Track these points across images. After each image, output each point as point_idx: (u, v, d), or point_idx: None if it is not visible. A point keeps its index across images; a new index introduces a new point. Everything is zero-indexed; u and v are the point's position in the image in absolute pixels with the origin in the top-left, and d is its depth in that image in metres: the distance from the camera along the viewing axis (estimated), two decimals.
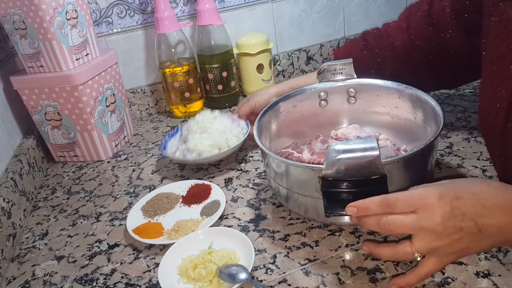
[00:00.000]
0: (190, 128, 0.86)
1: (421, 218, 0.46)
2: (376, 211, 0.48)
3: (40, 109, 0.92)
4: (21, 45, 0.87)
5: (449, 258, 0.48)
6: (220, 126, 0.85)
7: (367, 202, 0.48)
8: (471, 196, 0.45)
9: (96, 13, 1.05)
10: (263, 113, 0.73)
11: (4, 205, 0.71)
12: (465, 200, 0.45)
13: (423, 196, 0.46)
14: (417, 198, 0.46)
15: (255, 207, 0.72)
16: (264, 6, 1.18)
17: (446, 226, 0.45)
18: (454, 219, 0.45)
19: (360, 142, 0.53)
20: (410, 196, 0.47)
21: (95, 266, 0.65)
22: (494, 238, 0.46)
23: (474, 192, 0.46)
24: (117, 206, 0.79)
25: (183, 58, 1.08)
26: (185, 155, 0.82)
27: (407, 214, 0.46)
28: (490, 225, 0.45)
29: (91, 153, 0.96)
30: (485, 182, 0.47)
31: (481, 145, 0.78)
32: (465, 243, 0.46)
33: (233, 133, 0.85)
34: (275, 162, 0.62)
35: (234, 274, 0.55)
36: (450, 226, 0.45)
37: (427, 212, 0.45)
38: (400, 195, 0.47)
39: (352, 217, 0.50)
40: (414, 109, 0.72)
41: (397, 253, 0.49)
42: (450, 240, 0.45)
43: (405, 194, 0.47)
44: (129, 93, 1.13)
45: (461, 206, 0.45)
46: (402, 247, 0.48)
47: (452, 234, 0.45)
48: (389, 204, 0.47)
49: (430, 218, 0.45)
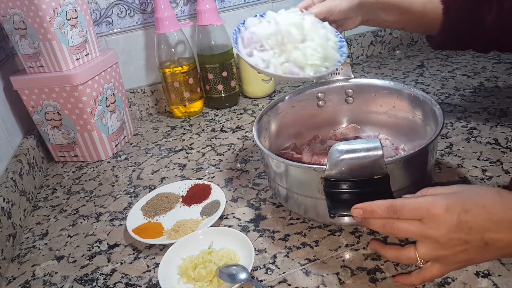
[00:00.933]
0: (287, 34, 0.64)
1: (427, 228, 0.45)
2: (381, 215, 0.47)
3: (40, 109, 0.92)
4: (21, 45, 0.87)
5: (454, 266, 0.48)
6: (319, 32, 0.66)
7: (374, 206, 0.48)
8: (481, 210, 0.44)
9: (96, 13, 1.05)
10: (262, 113, 0.73)
11: (4, 205, 0.71)
12: (474, 214, 0.44)
13: (431, 205, 0.45)
14: (424, 208, 0.45)
15: (255, 207, 0.72)
16: (264, 6, 1.18)
17: (451, 238, 0.44)
18: (460, 232, 0.44)
19: (363, 142, 0.53)
20: (417, 205, 0.46)
21: (95, 266, 0.65)
22: (502, 251, 0.45)
23: (484, 206, 0.44)
24: (117, 206, 0.79)
25: (183, 58, 1.08)
26: (294, 71, 0.63)
27: (413, 221, 0.46)
28: (498, 240, 0.44)
29: (91, 153, 0.96)
30: (498, 195, 0.46)
31: (481, 145, 0.78)
32: (470, 255, 0.45)
33: (332, 39, 0.67)
34: (275, 162, 0.62)
35: (234, 274, 0.55)
36: (455, 238, 0.44)
37: (433, 222, 0.45)
38: (407, 202, 0.47)
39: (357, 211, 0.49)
40: (413, 109, 0.72)
41: (401, 257, 0.49)
42: (454, 251, 0.45)
43: (412, 202, 0.46)
44: (129, 93, 1.13)
45: (468, 219, 0.44)
46: (406, 252, 0.48)
47: (457, 246, 0.45)
48: (396, 210, 0.46)
49: (435, 228, 0.45)
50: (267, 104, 0.82)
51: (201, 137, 1.00)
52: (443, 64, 1.20)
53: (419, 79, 1.13)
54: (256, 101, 1.16)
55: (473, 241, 0.44)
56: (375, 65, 1.28)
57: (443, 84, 1.07)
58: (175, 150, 0.96)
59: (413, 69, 1.20)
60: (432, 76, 1.13)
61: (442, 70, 1.16)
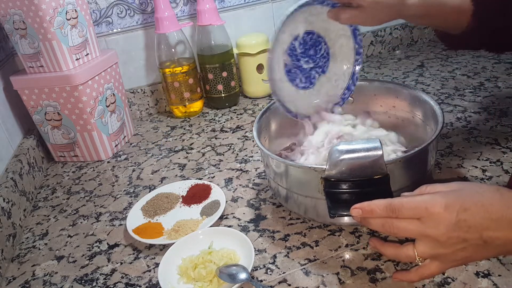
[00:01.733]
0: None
1: (426, 226, 0.45)
2: (380, 215, 0.47)
3: (40, 109, 0.92)
4: (21, 45, 0.87)
5: (453, 264, 0.48)
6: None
7: (372, 206, 0.48)
8: (480, 208, 0.44)
9: (96, 13, 1.05)
10: (262, 113, 0.73)
11: (4, 205, 0.71)
12: (473, 212, 0.44)
13: (429, 204, 0.45)
14: (423, 207, 0.45)
15: (255, 207, 0.72)
16: (264, 6, 1.18)
17: (450, 236, 0.44)
18: (459, 230, 0.44)
19: (363, 142, 0.53)
20: (416, 204, 0.46)
21: (95, 266, 0.65)
22: (500, 249, 0.46)
23: (483, 204, 0.44)
24: (117, 206, 0.79)
25: (183, 58, 1.08)
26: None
27: (411, 220, 0.46)
28: (496, 238, 0.44)
29: (91, 153, 0.96)
30: (497, 193, 0.45)
31: (481, 145, 0.78)
32: (469, 253, 0.45)
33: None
34: (275, 162, 0.62)
35: (234, 274, 0.55)
36: (454, 236, 0.44)
37: (432, 221, 0.45)
38: (406, 201, 0.47)
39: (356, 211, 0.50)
40: (413, 109, 0.72)
41: (400, 255, 0.49)
42: (453, 249, 0.45)
43: (410, 201, 0.46)
44: (129, 93, 1.13)
45: (467, 218, 0.44)
46: (405, 250, 0.48)
47: (455, 244, 0.45)
48: (394, 209, 0.46)
49: (434, 227, 0.45)
50: (267, 104, 0.82)
51: (201, 137, 1.00)
52: (443, 64, 1.20)
53: (419, 79, 1.13)
54: (256, 101, 1.16)
55: (472, 239, 0.44)
56: (375, 65, 1.28)
57: (443, 84, 1.07)
58: (175, 150, 0.96)
59: (413, 69, 1.20)
60: (432, 76, 1.13)
61: (442, 70, 1.16)
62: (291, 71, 0.70)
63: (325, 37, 0.71)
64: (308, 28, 0.68)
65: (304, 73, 0.72)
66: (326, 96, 0.74)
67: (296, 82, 0.71)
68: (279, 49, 0.67)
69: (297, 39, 0.68)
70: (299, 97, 0.72)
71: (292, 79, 0.71)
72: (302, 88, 0.72)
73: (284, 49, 0.67)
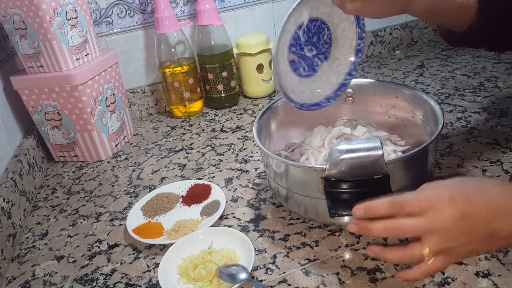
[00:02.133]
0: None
1: (431, 221, 0.44)
2: (385, 212, 0.46)
3: (40, 109, 0.92)
4: (21, 45, 0.87)
5: (457, 257, 0.47)
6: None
7: (376, 203, 0.47)
8: (484, 201, 0.44)
9: (96, 13, 1.05)
10: (262, 113, 0.73)
11: (4, 205, 0.71)
12: (477, 205, 0.44)
13: (433, 199, 0.45)
14: (427, 201, 0.45)
15: (255, 207, 0.72)
16: (264, 6, 1.18)
17: (456, 229, 0.44)
18: (465, 223, 0.44)
19: (363, 142, 0.53)
20: (420, 199, 0.46)
21: (95, 266, 0.65)
22: (505, 241, 0.45)
23: (487, 196, 0.44)
24: (117, 206, 0.79)
25: (183, 58, 1.08)
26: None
27: (415, 217, 0.45)
28: (501, 230, 0.44)
29: (91, 153, 0.96)
30: (499, 186, 0.46)
31: (481, 145, 0.78)
32: (474, 245, 0.45)
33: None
34: (275, 162, 0.62)
35: (234, 274, 0.55)
36: (460, 229, 0.44)
37: (437, 215, 0.44)
38: (409, 196, 0.46)
39: (354, 227, 0.48)
40: (413, 109, 0.72)
41: (405, 257, 0.47)
42: (459, 242, 0.45)
43: (414, 196, 0.46)
44: (129, 93, 1.13)
45: (472, 210, 0.44)
46: (410, 250, 0.46)
47: (462, 237, 0.44)
48: (398, 205, 0.46)
49: (440, 221, 0.44)
50: (267, 104, 0.82)
51: (201, 137, 1.00)
52: (443, 64, 1.20)
53: (419, 79, 1.13)
54: (256, 101, 1.16)
55: (477, 232, 0.44)
56: (375, 65, 1.28)
57: (443, 84, 1.07)
58: (175, 150, 0.96)
59: (413, 69, 1.20)
60: (432, 76, 1.13)
61: (442, 70, 1.16)
62: (295, 60, 0.69)
63: (328, 22, 0.69)
64: (312, 14, 0.67)
65: (307, 61, 0.70)
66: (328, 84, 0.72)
67: (299, 72, 0.70)
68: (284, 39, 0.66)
69: (301, 28, 0.67)
70: (303, 87, 0.71)
71: (295, 68, 0.70)
72: (305, 76, 0.71)
73: (289, 39, 0.67)
